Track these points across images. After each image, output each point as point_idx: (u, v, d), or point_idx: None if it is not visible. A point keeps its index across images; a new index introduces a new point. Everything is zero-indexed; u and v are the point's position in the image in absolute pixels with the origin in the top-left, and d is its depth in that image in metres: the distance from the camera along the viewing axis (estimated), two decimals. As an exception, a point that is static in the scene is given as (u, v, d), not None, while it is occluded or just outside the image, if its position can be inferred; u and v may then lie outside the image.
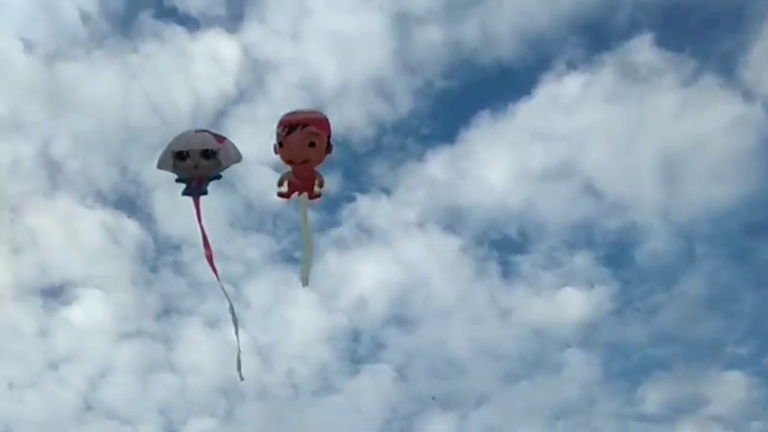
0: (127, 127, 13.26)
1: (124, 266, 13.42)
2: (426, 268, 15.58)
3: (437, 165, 15.34)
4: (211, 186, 3.34)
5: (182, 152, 3.22)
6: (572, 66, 14.31)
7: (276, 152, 3.18)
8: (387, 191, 15.64)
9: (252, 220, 14.84)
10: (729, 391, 12.70)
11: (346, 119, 14.75)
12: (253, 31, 15.02)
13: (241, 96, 13.12)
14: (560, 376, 13.85)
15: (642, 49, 14.16)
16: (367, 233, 14.43)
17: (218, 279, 3.33)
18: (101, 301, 12.65)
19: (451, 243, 15.51)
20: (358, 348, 15.22)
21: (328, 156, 3.17)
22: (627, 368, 13.76)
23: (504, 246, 15.35)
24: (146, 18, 14.44)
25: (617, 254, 14.34)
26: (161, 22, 14.34)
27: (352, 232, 15.07)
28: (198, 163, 3.22)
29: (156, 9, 13.55)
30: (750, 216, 12.90)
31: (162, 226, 14.00)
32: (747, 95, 13.08)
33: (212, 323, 14.33)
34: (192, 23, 14.15)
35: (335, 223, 15.01)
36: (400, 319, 15.21)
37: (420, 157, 16.25)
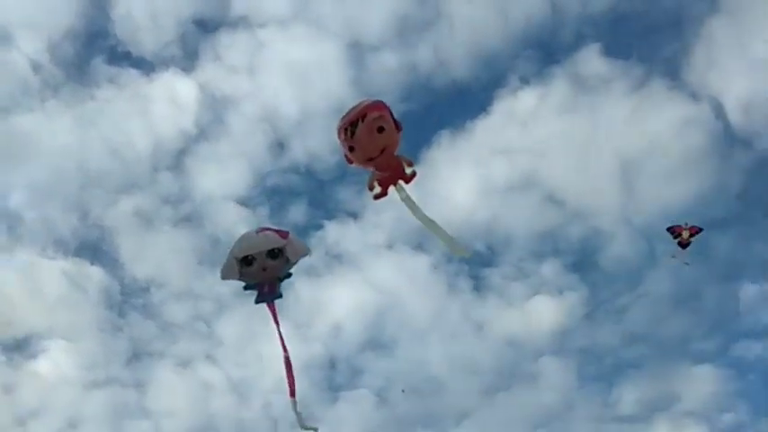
0: (85, 173, 12.98)
1: (90, 314, 13.00)
2: (399, 289, 15.58)
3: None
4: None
5: (247, 257, 3.02)
6: (525, 81, 14.70)
7: (350, 162, 2.92)
8: (354, 215, 15.64)
9: (220, 256, 14.59)
10: (700, 385, 13.02)
11: (309, 148, 14.80)
12: (209, 69, 15.01)
13: (201, 134, 13.05)
14: (537, 385, 13.99)
15: (590, 59, 14.67)
16: (337, 259, 14.34)
17: (292, 383, 3.17)
18: (67, 351, 12.19)
19: (422, 262, 15.56)
20: (335, 376, 15.03)
21: (400, 133, 2.91)
22: (601, 371, 14.01)
23: (475, 260, 15.47)
24: (99, 64, 14.28)
25: (583, 260, 14.67)
26: (115, 67, 14.21)
27: (323, 259, 14.98)
28: (266, 265, 3.03)
29: (110, 54, 13.43)
30: (706, 212, 13.35)
31: (128, 269, 13.63)
32: (694, 96, 13.63)
33: (184, 364, 13.95)
34: (146, 66, 14.05)
35: (319, 226, 14.93)
36: (376, 343, 15.13)
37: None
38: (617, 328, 13.77)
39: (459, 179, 14.65)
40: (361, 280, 14.97)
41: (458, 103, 15.70)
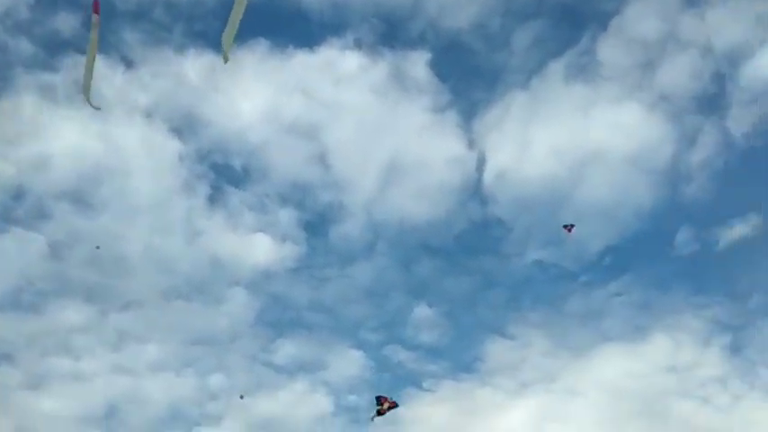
0: None
1: None
2: (133, 159, 14.50)
3: (197, 65, 14.43)
4: None
5: None
6: (358, 45, 14.96)
7: None
8: (128, 63, 13.96)
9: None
10: (347, 365, 14.99)
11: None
12: None
13: None
14: (218, 309, 14.42)
15: (418, 62, 15.58)
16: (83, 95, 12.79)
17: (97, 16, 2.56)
18: None
19: (173, 146, 14.74)
20: (16, 208, 13.37)
21: None
22: (278, 320, 15.14)
23: (224, 173, 15.26)
24: None
25: (317, 223, 15.59)
26: None
27: (69, 88, 13.12)
28: None
29: None
30: (428, 237, 15.28)
31: None
32: (471, 144, 15.44)
33: None
34: None
35: (53, 68, 12.92)
36: (80, 198, 13.86)
37: (182, 50, 15.04)
38: (312, 292, 14.91)
39: (255, 93, 14.24)
40: (99, 130, 13.57)
41: (292, 24, 15.14)
